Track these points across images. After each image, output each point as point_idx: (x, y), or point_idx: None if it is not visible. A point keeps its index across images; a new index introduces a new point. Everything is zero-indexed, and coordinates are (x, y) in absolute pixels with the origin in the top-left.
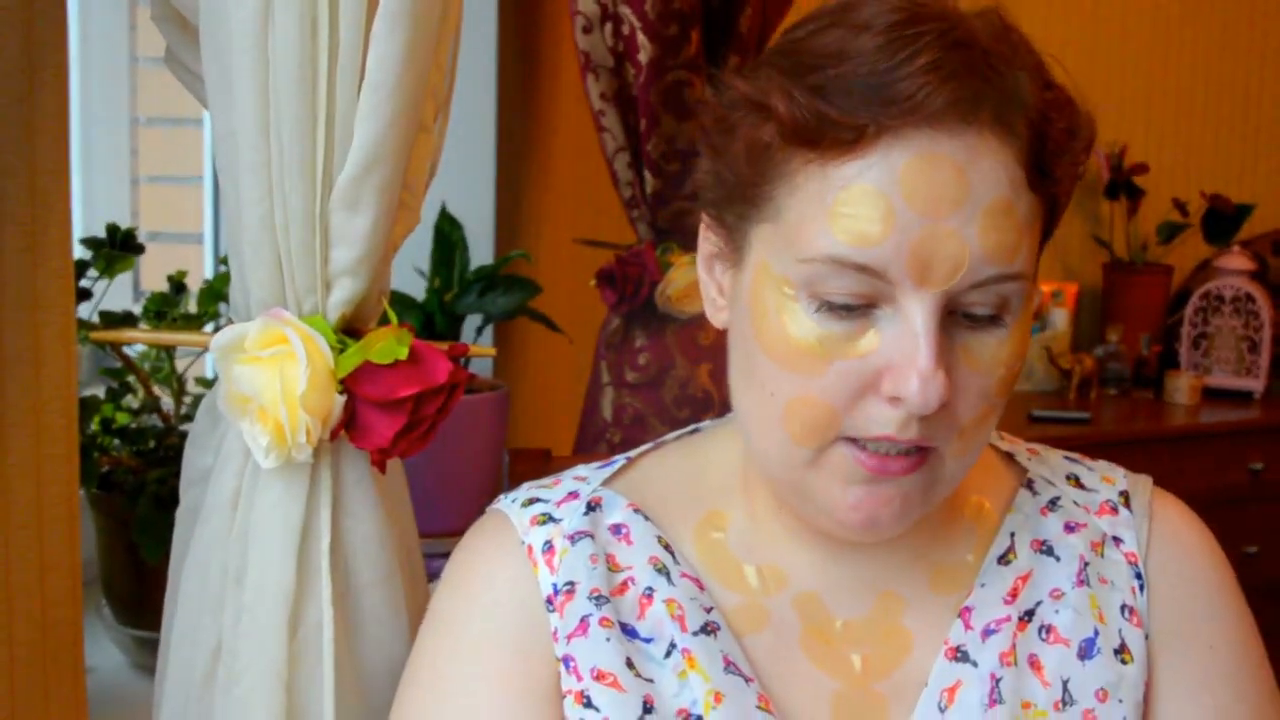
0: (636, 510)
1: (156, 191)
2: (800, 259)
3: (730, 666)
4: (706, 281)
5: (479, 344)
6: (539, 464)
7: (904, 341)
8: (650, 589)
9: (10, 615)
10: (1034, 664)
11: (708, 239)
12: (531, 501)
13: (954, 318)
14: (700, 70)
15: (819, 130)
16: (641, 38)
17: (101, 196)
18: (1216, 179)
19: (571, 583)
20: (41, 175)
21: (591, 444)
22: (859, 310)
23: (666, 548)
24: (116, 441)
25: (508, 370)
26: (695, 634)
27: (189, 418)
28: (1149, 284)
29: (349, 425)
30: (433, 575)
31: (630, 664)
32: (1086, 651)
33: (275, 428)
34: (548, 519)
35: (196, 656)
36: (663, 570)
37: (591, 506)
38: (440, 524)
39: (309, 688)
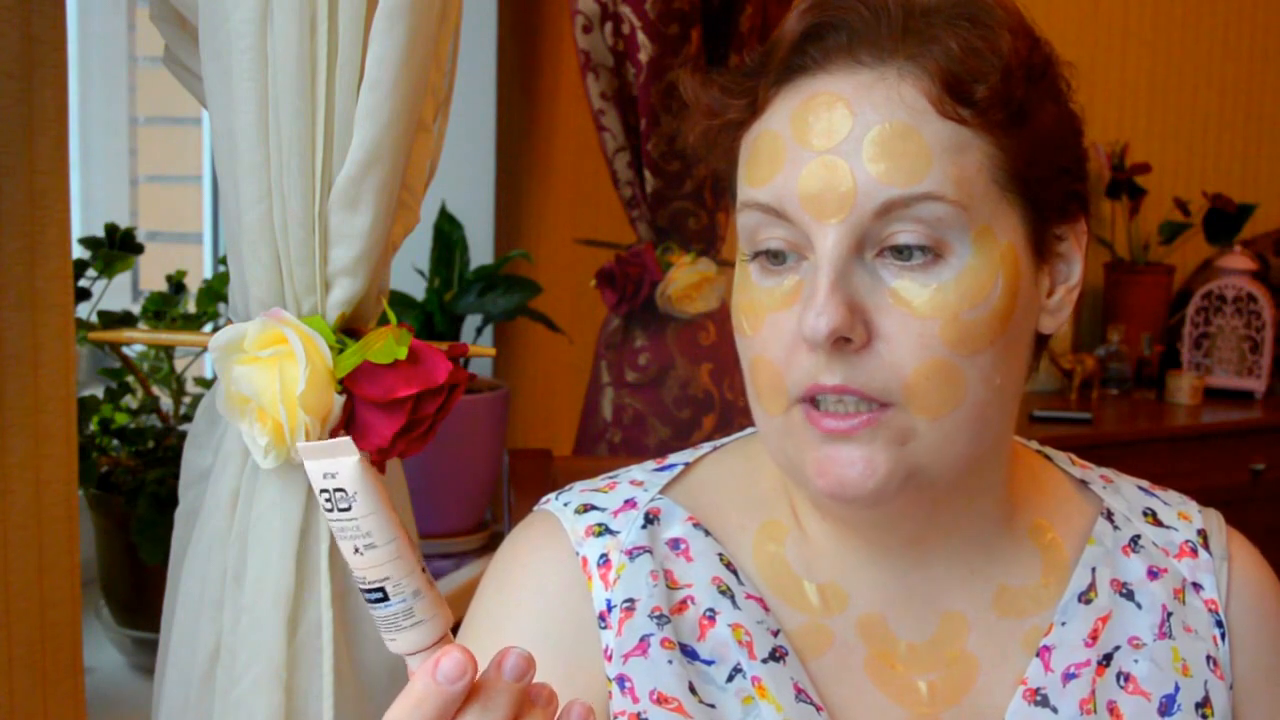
0: (696, 525)
1: (155, 191)
2: (736, 216)
3: (801, 694)
4: None
5: (479, 344)
6: (539, 464)
7: (813, 279)
8: (712, 610)
9: (8, 616)
10: (1113, 711)
11: None
12: (586, 509)
13: (883, 259)
14: (700, 69)
15: (724, 103)
16: (642, 37)
17: (100, 196)
18: (1218, 178)
19: (631, 600)
20: (40, 175)
21: (591, 444)
22: (790, 264)
23: (728, 566)
24: (115, 442)
25: (508, 370)
26: (764, 661)
27: (188, 418)
28: (1150, 284)
29: (348, 425)
30: (434, 576)
31: (692, 689)
32: (1167, 708)
33: (274, 428)
34: (604, 530)
35: (196, 657)
36: (726, 592)
37: (650, 519)
38: (440, 524)
39: (308, 688)
